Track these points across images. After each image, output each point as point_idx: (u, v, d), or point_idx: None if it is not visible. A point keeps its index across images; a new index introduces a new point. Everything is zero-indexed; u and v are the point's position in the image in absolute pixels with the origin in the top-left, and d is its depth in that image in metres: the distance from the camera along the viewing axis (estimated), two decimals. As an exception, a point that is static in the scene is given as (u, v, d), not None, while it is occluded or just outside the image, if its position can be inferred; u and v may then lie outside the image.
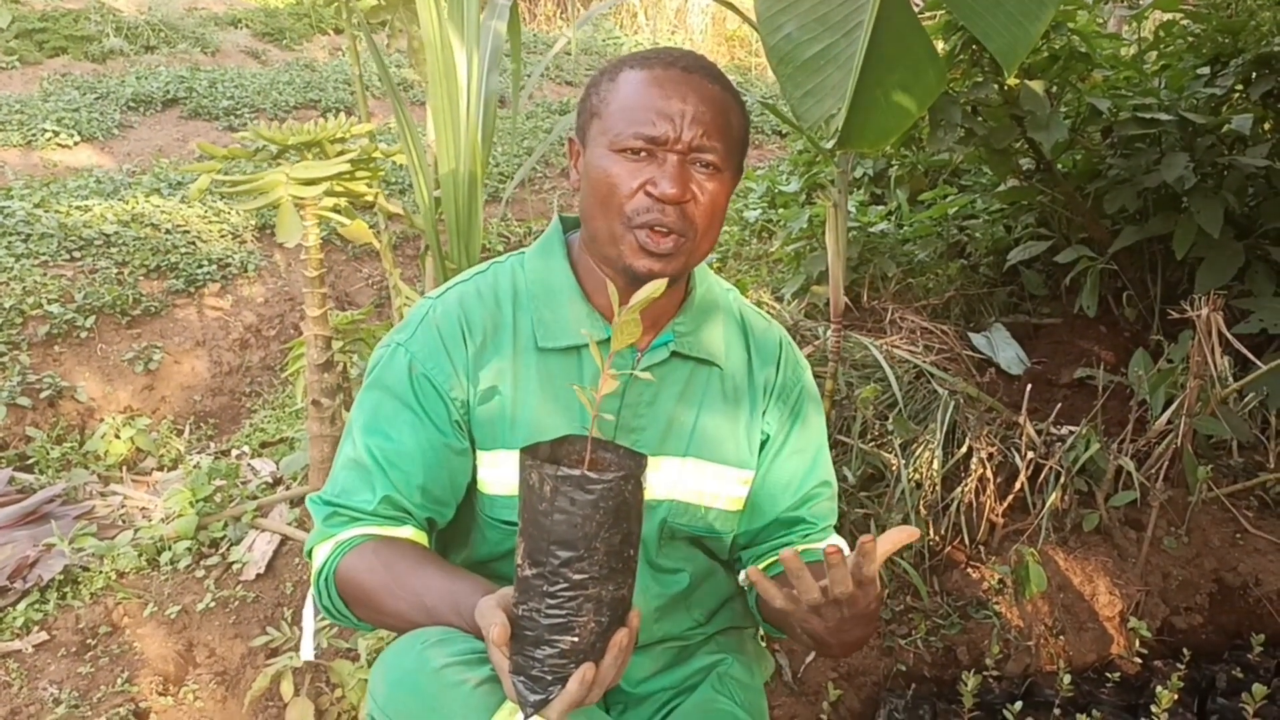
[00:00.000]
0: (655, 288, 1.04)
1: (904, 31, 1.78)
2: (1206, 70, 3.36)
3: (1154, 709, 1.97)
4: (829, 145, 2.15)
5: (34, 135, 5.78)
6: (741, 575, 1.49)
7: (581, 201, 1.31)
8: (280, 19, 8.94)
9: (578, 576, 0.98)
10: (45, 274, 3.95)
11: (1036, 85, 3.05)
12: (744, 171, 1.37)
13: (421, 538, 1.32)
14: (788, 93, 1.85)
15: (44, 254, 4.09)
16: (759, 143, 7.42)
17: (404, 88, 7.20)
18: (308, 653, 1.98)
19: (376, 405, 1.33)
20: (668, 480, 1.36)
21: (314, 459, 2.61)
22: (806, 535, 1.45)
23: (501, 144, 6.17)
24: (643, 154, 1.23)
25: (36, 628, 2.32)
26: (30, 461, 3.25)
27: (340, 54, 8.55)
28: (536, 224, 5.38)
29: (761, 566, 1.45)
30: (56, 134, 5.84)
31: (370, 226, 2.52)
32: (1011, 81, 3.09)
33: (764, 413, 1.43)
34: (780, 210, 4.56)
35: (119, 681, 2.20)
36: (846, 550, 1.49)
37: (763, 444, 1.44)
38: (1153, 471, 2.63)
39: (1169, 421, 2.65)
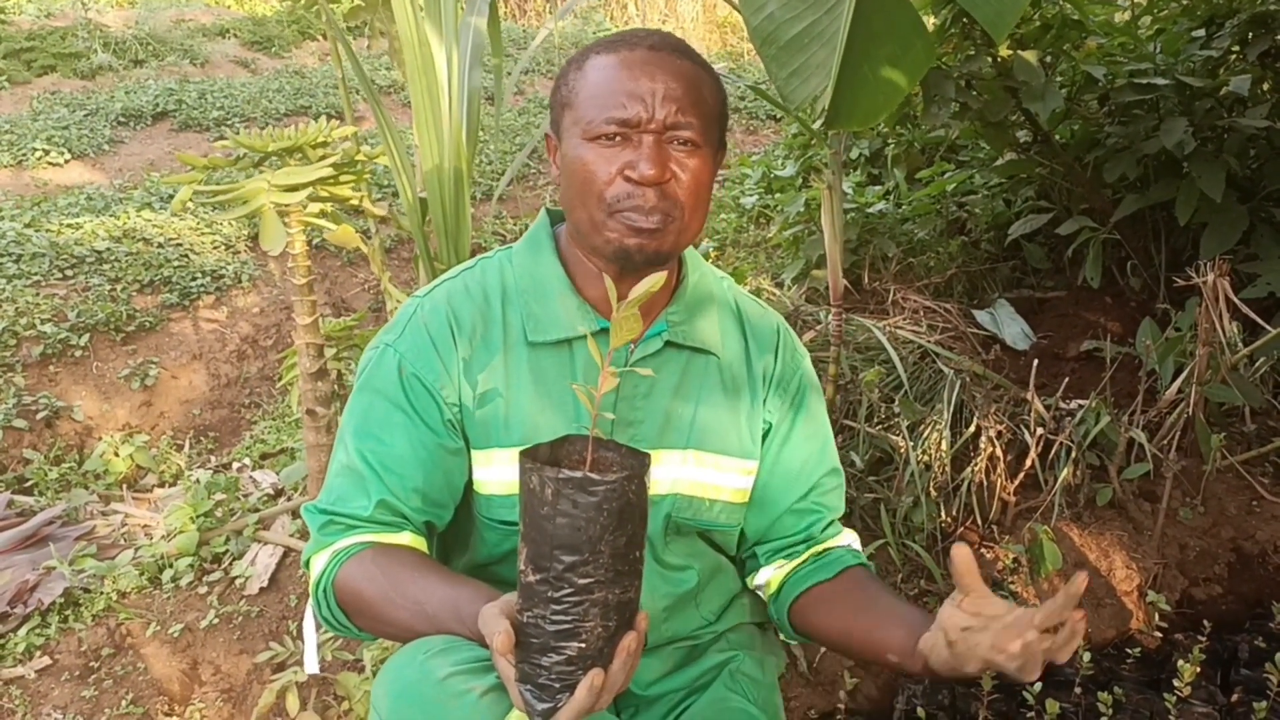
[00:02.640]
0: (655, 281, 1.00)
1: (889, 5, 1.74)
2: (1202, 32, 3.31)
3: (1177, 683, 1.94)
4: (818, 125, 2.11)
5: (24, 155, 5.76)
6: (758, 577, 1.45)
7: (562, 194, 1.28)
8: (268, 27, 8.91)
9: (583, 581, 0.96)
10: (38, 294, 3.93)
11: (1030, 55, 3.00)
12: (727, 146, 1.33)
13: (420, 543, 1.29)
14: (773, 73, 1.81)
15: (36, 274, 4.06)
16: (754, 129, 7.37)
17: (393, 89, 7.17)
18: (312, 666, 1.95)
19: (367, 408, 1.30)
20: (670, 474, 1.33)
21: (311, 469, 2.58)
22: (821, 528, 1.43)
23: (494, 142, 6.13)
24: (617, 139, 1.20)
25: (39, 652, 2.29)
26: (29, 484, 3.23)
27: (329, 59, 8.52)
28: (531, 220, 5.34)
29: (784, 572, 1.42)
30: (47, 152, 5.82)
31: (362, 230, 2.48)
32: (1004, 53, 3.04)
33: (765, 401, 1.40)
34: (777, 195, 4.52)
35: (124, 704, 2.17)
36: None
37: (765, 434, 1.41)
38: (1165, 442, 2.60)
39: (1179, 391, 2.61)
